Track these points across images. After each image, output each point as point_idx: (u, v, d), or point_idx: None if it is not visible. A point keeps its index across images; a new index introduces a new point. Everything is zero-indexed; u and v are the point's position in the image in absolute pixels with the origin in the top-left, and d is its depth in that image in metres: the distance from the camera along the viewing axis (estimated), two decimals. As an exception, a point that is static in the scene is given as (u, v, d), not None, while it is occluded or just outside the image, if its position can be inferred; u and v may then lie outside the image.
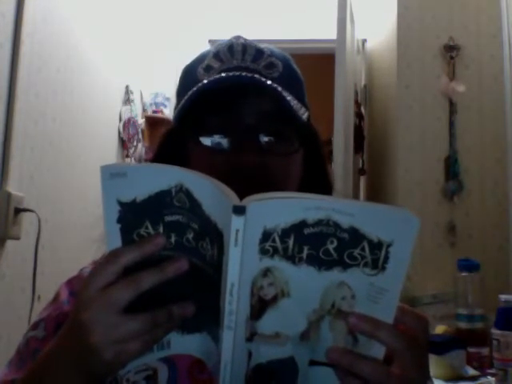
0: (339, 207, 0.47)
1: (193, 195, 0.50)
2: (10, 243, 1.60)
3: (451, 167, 2.32)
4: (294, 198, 0.48)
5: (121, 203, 0.51)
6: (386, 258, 0.47)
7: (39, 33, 1.78)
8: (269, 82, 0.63)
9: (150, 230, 0.52)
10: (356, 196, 2.93)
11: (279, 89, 0.63)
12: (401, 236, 0.47)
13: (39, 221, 1.69)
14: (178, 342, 0.55)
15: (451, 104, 2.36)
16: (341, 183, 2.23)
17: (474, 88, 2.37)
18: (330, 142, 2.29)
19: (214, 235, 0.50)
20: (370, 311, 0.48)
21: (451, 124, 2.35)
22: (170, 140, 0.73)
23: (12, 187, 1.60)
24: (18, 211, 1.61)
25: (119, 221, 0.51)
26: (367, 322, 0.48)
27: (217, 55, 0.70)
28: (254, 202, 0.47)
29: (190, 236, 0.52)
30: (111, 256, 0.51)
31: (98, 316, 0.48)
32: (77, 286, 0.72)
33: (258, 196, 0.47)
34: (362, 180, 3.18)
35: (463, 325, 1.63)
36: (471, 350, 1.51)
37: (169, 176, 0.50)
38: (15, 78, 1.61)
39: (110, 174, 0.50)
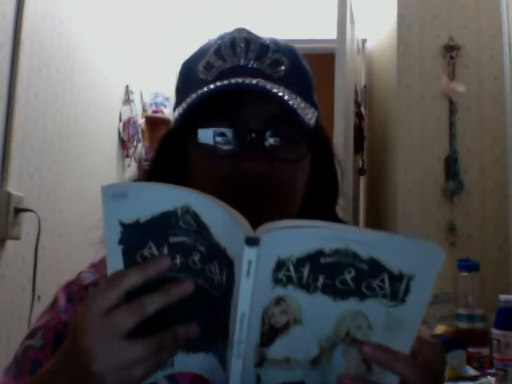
0: (359, 238, 0.45)
1: (200, 218, 0.48)
2: (9, 243, 1.60)
3: (451, 167, 2.32)
4: (311, 228, 0.46)
5: (123, 224, 0.49)
6: (407, 291, 0.46)
7: (39, 33, 1.78)
8: (275, 90, 0.59)
9: (154, 250, 0.50)
10: (356, 196, 2.93)
11: (286, 97, 0.60)
12: (423, 269, 0.45)
13: (39, 221, 1.69)
14: (181, 361, 0.54)
15: (451, 104, 2.36)
16: (341, 183, 2.23)
17: (473, 88, 2.37)
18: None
19: (223, 261, 0.48)
20: (387, 341, 0.47)
21: (451, 124, 2.35)
22: (169, 143, 0.70)
23: (12, 187, 1.60)
24: (18, 211, 1.61)
25: (121, 242, 0.50)
26: (383, 353, 0.47)
27: (218, 52, 0.66)
28: (267, 233, 0.45)
29: (197, 258, 0.50)
30: (113, 279, 0.49)
31: (101, 342, 0.46)
32: (75, 291, 0.69)
33: (273, 225, 0.45)
34: (362, 180, 3.18)
35: (463, 325, 1.63)
36: (471, 350, 1.51)
37: (174, 197, 0.48)
38: (15, 77, 1.61)
39: (112, 195, 0.48)
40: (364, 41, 3.24)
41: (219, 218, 0.47)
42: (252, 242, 0.45)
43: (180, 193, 0.48)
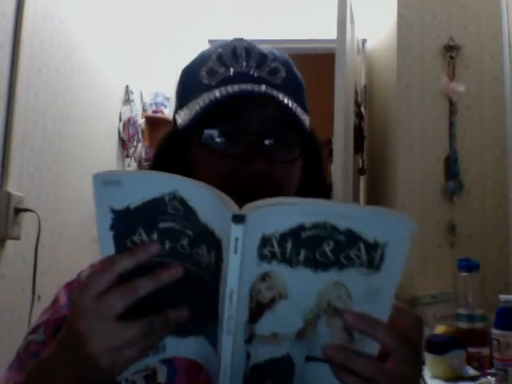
0: (336, 210, 0.48)
1: (187, 203, 0.50)
2: (9, 243, 1.60)
3: (451, 167, 2.31)
4: (293, 204, 0.49)
5: (114, 211, 0.51)
6: (382, 259, 0.48)
7: (39, 33, 1.78)
8: (280, 96, 0.65)
9: (144, 236, 0.52)
10: (356, 196, 2.93)
11: (290, 104, 0.66)
12: (396, 237, 0.48)
13: (39, 221, 1.69)
14: (173, 346, 0.55)
15: (451, 104, 2.36)
16: (341, 183, 2.23)
17: (473, 88, 2.37)
18: (330, 142, 2.29)
19: (211, 242, 0.50)
20: (366, 310, 0.49)
21: (451, 124, 2.35)
22: (172, 144, 0.72)
23: (12, 187, 1.60)
24: (18, 211, 1.61)
25: (112, 228, 0.51)
26: (363, 321, 0.49)
27: (220, 59, 0.70)
28: (253, 210, 0.47)
29: (185, 242, 0.52)
30: (105, 264, 0.51)
31: (94, 325, 0.49)
32: (75, 288, 0.72)
33: (257, 203, 0.48)
34: (362, 180, 3.18)
35: (463, 325, 1.63)
36: (471, 350, 1.51)
37: (162, 183, 0.50)
38: (15, 77, 1.61)
39: (103, 182, 0.50)
40: (364, 41, 3.24)
41: (206, 200, 0.49)
42: (238, 219, 0.47)
43: (168, 179, 0.51)
